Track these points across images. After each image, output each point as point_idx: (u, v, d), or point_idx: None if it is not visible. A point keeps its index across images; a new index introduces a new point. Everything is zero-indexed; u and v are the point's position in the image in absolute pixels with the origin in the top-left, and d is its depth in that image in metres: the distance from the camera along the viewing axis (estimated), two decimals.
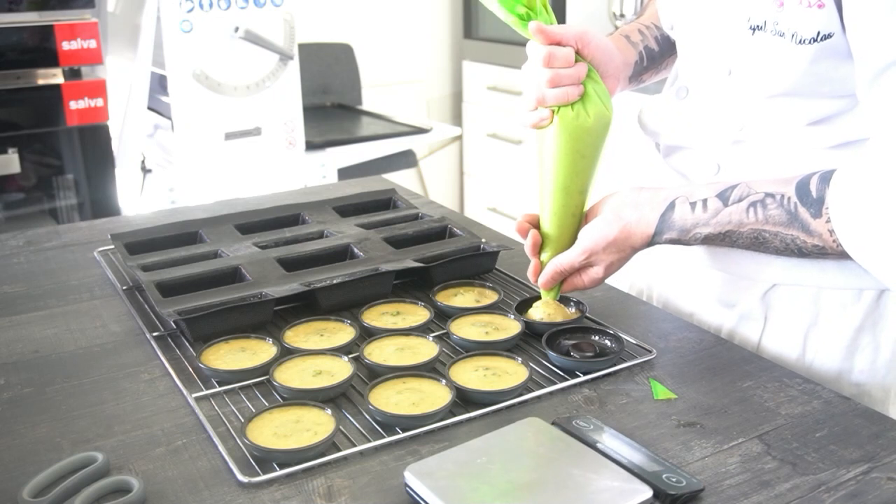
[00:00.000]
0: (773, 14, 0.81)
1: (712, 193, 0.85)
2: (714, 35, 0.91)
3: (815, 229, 0.79)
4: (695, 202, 0.85)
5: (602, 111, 0.87)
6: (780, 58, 0.83)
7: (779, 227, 0.81)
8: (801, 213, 0.80)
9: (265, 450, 0.72)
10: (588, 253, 0.89)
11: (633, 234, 0.87)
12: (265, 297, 0.97)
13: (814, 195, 0.79)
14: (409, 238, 1.17)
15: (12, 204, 2.60)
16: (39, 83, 2.47)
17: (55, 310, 1.04)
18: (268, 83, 2.73)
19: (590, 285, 0.92)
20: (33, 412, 0.81)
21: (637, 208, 0.88)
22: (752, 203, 0.82)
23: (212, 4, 2.56)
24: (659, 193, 0.88)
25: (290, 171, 2.84)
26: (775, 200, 0.81)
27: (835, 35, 0.79)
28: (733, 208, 0.83)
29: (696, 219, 0.85)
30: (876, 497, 0.67)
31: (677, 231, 0.86)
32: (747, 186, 0.84)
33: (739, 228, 0.83)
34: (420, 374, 0.83)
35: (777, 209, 0.81)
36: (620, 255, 0.89)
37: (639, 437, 0.75)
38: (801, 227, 0.80)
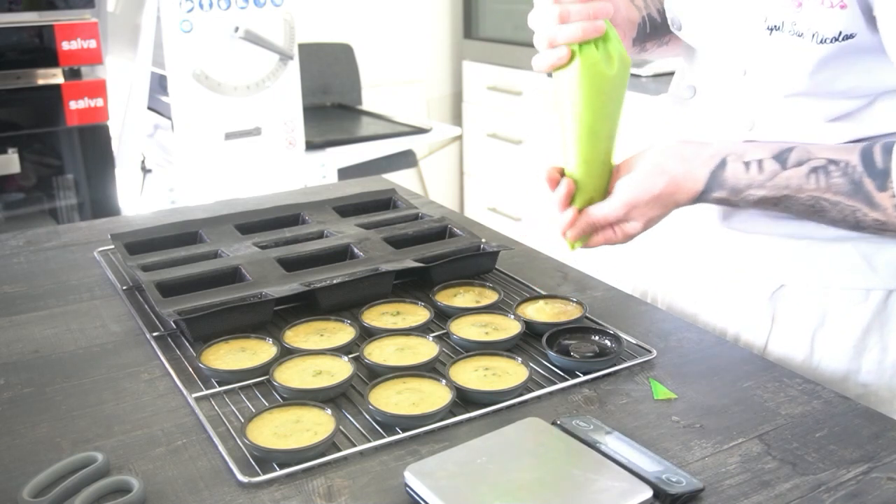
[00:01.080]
0: (792, 14, 0.80)
1: (768, 154, 0.82)
2: (729, 35, 0.89)
3: (880, 202, 0.77)
4: (749, 161, 0.82)
5: (624, 57, 0.83)
6: (799, 57, 0.82)
7: (840, 196, 0.79)
8: (866, 183, 0.77)
9: (265, 450, 0.72)
10: (629, 206, 0.84)
11: (681, 189, 0.83)
12: (265, 297, 0.97)
13: (880, 166, 0.77)
14: (409, 238, 1.17)
15: (12, 204, 2.60)
16: (39, 83, 2.47)
17: (55, 310, 1.04)
18: (268, 83, 2.73)
19: (623, 241, 0.87)
20: (33, 412, 0.81)
21: (684, 162, 0.83)
22: (814, 168, 0.79)
23: (212, 4, 2.56)
24: (707, 148, 0.84)
25: (290, 171, 2.84)
26: (839, 168, 0.78)
27: (857, 35, 0.78)
28: (792, 172, 0.80)
29: (751, 179, 0.81)
30: (876, 497, 0.67)
31: (728, 190, 0.83)
32: (806, 150, 0.81)
33: (797, 194, 0.80)
34: (420, 374, 0.83)
35: (841, 177, 0.78)
36: (662, 211, 0.85)
37: (639, 437, 0.75)
38: (864, 199, 0.78)
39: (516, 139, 3.37)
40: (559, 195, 0.86)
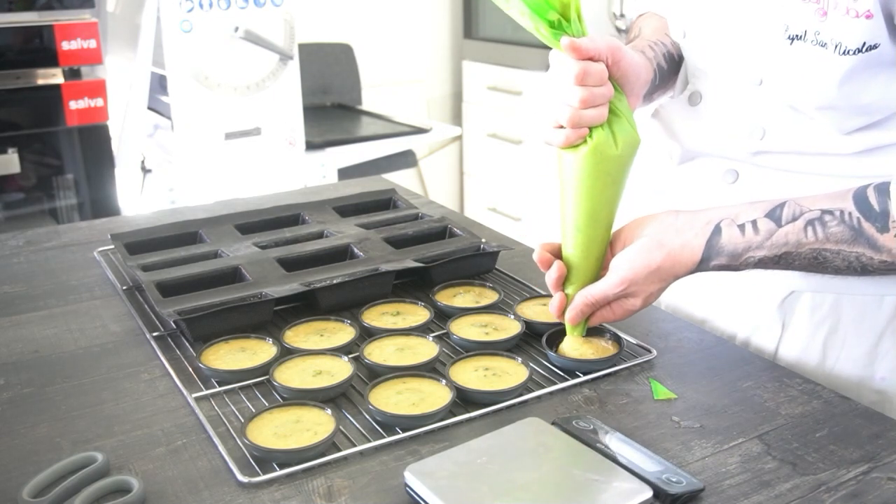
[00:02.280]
0: (815, 24, 0.78)
1: (761, 214, 0.80)
2: (745, 44, 0.87)
3: (884, 244, 0.76)
4: (743, 224, 0.80)
5: (632, 133, 0.81)
6: (820, 68, 0.80)
7: (842, 244, 0.77)
8: (865, 228, 0.76)
9: (265, 450, 0.72)
10: (627, 283, 0.82)
11: (678, 262, 0.81)
12: (265, 297, 0.97)
13: (877, 209, 0.76)
14: (409, 238, 1.17)
15: (12, 204, 2.60)
16: (39, 83, 2.46)
17: (55, 310, 1.04)
18: (268, 83, 2.73)
19: (622, 317, 0.86)
20: (33, 412, 0.81)
21: (679, 234, 0.81)
22: (810, 221, 0.78)
23: (212, 4, 2.56)
24: (699, 216, 0.83)
25: (290, 171, 2.83)
26: (835, 217, 0.77)
27: (880, 46, 0.77)
28: (789, 228, 0.79)
29: (748, 242, 0.80)
30: (876, 497, 0.67)
31: (727, 256, 0.81)
32: (797, 204, 0.79)
33: (798, 249, 0.79)
34: (420, 374, 0.83)
35: (838, 226, 0.77)
36: (661, 285, 0.83)
37: (639, 437, 0.75)
38: (866, 244, 0.76)
39: (516, 139, 3.37)
40: (551, 278, 0.86)
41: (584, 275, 0.85)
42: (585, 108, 0.78)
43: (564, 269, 0.85)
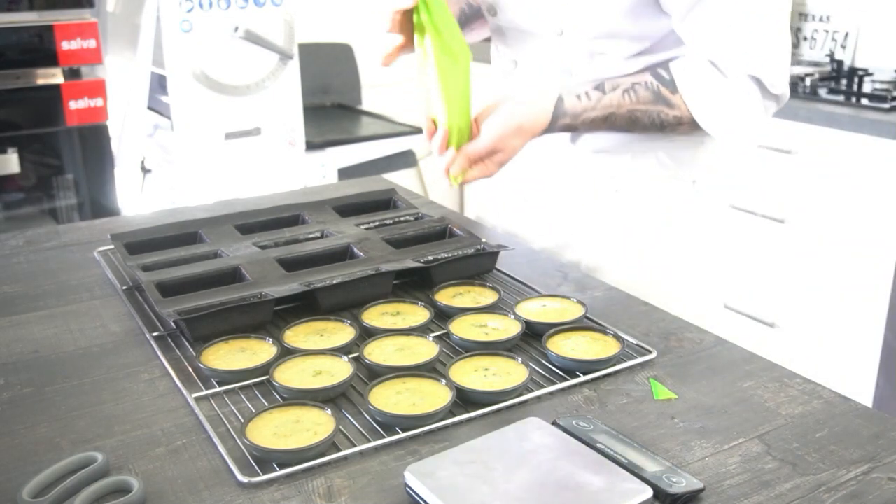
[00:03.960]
0: None
1: (590, 87, 1.08)
2: (546, 5, 1.11)
3: (675, 102, 1.06)
4: (579, 94, 1.07)
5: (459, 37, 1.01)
6: (607, 8, 1.05)
7: (648, 104, 1.07)
8: (662, 91, 1.07)
9: (265, 450, 0.72)
10: (498, 139, 1.03)
11: (536, 120, 1.05)
12: (265, 297, 0.97)
13: (667, 77, 1.07)
14: (409, 238, 1.17)
15: (12, 204, 2.60)
16: (39, 83, 2.46)
17: (55, 310, 1.04)
18: (268, 83, 2.73)
19: (494, 171, 1.06)
20: (33, 412, 0.81)
21: (533, 102, 1.05)
22: (625, 89, 1.07)
23: (212, 4, 2.56)
24: (543, 90, 1.07)
25: (290, 171, 2.83)
26: (641, 85, 1.07)
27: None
28: (611, 95, 1.07)
29: (584, 105, 1.07)
30: (876, 497, 0.67)
31: (570, 117, 1.06)
32: (612, 80, 1.08)
33: (618, 110, 1.07)
34: (420, 374, 0.83)
35: (645, 91, 1.07)
36: (523, 141, 1.05)
37: (639, 437, 0.75)
38: (664, 102, 1.06)
39: None
40: (438, 140, 1.03)
41: (458, 136, 1.04)
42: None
43: (448, 132, 1.03)
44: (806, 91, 2.43)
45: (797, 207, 2.32)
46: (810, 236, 2.30)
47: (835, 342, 2.28)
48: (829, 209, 2.24)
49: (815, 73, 2.53)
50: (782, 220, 2.35)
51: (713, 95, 1.06)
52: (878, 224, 2.13)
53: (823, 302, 2.30)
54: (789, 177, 2.32)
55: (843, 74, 2.57)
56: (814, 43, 2.83)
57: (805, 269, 2.33)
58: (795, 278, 2.36)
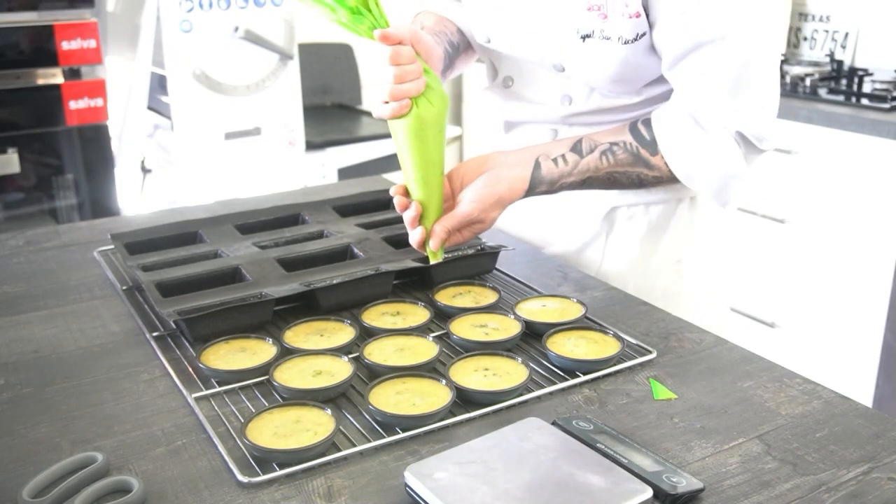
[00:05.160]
0: (599, 25, 1.01)
1: (566, 149, 1.04)
2: (545, 44, 1.08)
3: (655, 164, 1.03)
4: (556, 158, 1.03)
5: (442, 94, 0.98)
6: (607, 55, 1.03)
7: (627, 167, 1.04)
8: (642, 153, 1.03)
9: (265, 450, 0.72)
10: (478, 211, 1.00)
11: (514, 191, 1.02)
12: (265, 297, 0.97)
13: (647, 138, 1.03)
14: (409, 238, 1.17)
15: (12, 204, 2.60)
16: (39, 83, 2.47)
17: (55, 310, 1.04)
18: (268, 83, 2.73)
19: (469, 239, 1.03)
20: (33, 412, 0.81)
21: (511, 168, 1.02)
22: (603, 151, 1.03)
23: (212, 4, 2.56)
24: (521, 154, 1.04)
25: (290, 171, 2.83)
26: (620, 147, 1.03)
27: (647, 34, 1.00)
28: (588, 158, 1.03)
29: (561, 171, 1.03)
30: (876, 497, 0.67)
31: (547, 184, 1.04)
32: (591, 139, 1.04)
33: (596, 173, 1.04)
34: (420, 374, 0.83)
35: (623, 153, 1.03)
36: (501, 210, 1.02)
37: (639, 437, 0.75)
38: (643, 164, 1.03)
39: None
40: (410, 216, 0.99)
41: (433, 210, 1.00)
42: (401, 84, 0.93)
43: (420, 207, 0.99)
44: (806, 91, 2.43)
45: (797, 207, 2.32)
46: (811, 236, 2.30)
47: (835, 342, 2.28)
48: (829, 209, 2.25)
49: (815, 73, 2.53)
50: (782, 220, 2.35)
51: (696, 156, 1.01)
52: (878, 224, 2.13)
53: (823, 302, 2.30)
54: (789, 177, 2.32)
55: (843, 74, 2.57)
56: (814, 43, 2.83)
57: (805, 269, 2.33)
58: (796, 278, 2.36)
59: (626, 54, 1.01)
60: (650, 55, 1.03)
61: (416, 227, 0.99)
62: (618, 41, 1.01)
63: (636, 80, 1.07)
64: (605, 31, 1.01)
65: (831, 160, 2.22)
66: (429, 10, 1.25)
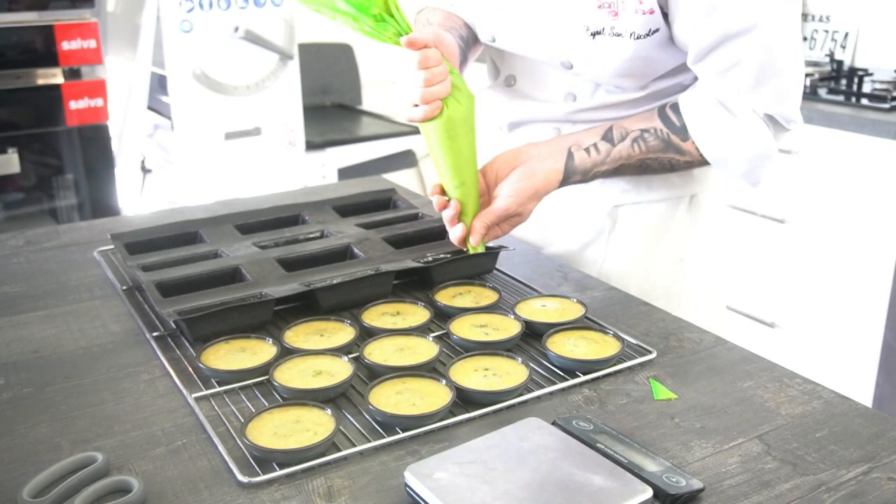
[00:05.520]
0: (610, 22, 1.01)
1: (598, 137, 1.05)
2: (554, 42, 1.07)
3: (687, 149, 1.05)
4: (588, 147, 1.05)
5: (468, 92, 0.98)
6: (618, 51, 1.02)
7: (658, 153, 1.05)
8: (673, 139, 1.04)
9: (265, 450, 0.72)
10: (516, 205, 1.01)
11: (549, 182, 1.03)
12: (265, 297, 0.97)
13: (677, 124, 1.04)
14: (409, 238, 1.17)
15: (12, 204, 2.60)
16: (39, 83, 2.47)
17: (55, 310, 1.04)
18: (268, 83, 2.73)
19: (508, 231, 1.05)
20: (33, 412, 0.81)
21: (545, 160, 1.03)
22: (634, 139, 1.05)
23: (212, 4, 2.56)
24: (553, 145, 1.05)
25: (290, 171, 2.84)
26: (651, 133, 1.04)
27: (661, 29, 1.00)
28: (620, 146, 1.05)
29: (594, 161, 1.05)
30: (876, 497, 0.67)
31: (580, 173, 1.05)
32: (621, 126, 1.05)
33: (628, 161, 1.05)
34: (420, 374, 0.83)
35: (655, 140, 1.04)
36: (538, 202, 1.04)
37: (639, 437, 0.75)
38: (675, 150, 1.05)
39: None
40: (449, 215, 1.01)
41: (470, 206, 1.02)
42: (431, 86, 0.94)
43: (459, 205, 1.01)
44: (806, 91, 2.43)
45: (797, 207, 2.32)
46: (810, 236, 2.30)
47: (835, 342, 2.28)
48: (829, 209, 2.25)
49: (815, 73, 2.53)
50: (782, 220, 2.35)
51: (726, 139, 1.02)
52: (878, 224, 2.13)
53: (823, 302, 2.30)
54: (789, 177, 2.32)
55: (843, 74, 2.57)
56: (814, 43, 2.83)
57: (805, 269, 2.33)
58: (795, 278, 2.36)
59: (637, 49, 1.01)
60: (661, 49, 1.03)
61: (456, 224, 1.01)
62: (629, 37, 1.01)
63: (645, 75, 1.08)
64: (616, 28, 1.01)
65: (831, 160, 2.22)
66: (433, 7, 1.25)
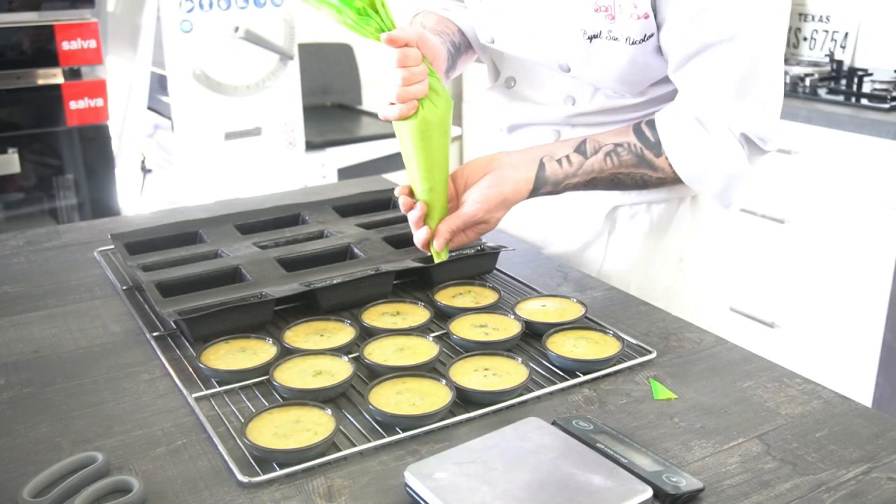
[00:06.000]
0: (607, 25, 1.01)
1: (570, 149, 1.04)
2: (551, 45, 1.07)
3: (659, 165, 1.03)
4: (560, 158, 1.03)
5: (446, 97, 0.97)
6: (614, 55, 1.02)
7: (631, 168, 1.04)
8: (646, 154, 1.03)
9: (265, 450, 0.72)
10: (483, 212, 1.00)
11: (518, 191, 1.02)
12: (265, 297, 0.97)
13: (652, 139, 1.03)
14: (409, 238, 1.16)
15: (12, 204, 2.60)
16: (39, 83, 2.46)
17: (55, 310, 1.04)
18: (268, 83, 2.73)
19: (474, 239, 1.04)
20: (33, 412, 0.81)
21: (516, 169, 1.02)
22: (607, 153, 1.03)
23: (212, 4, 2.56)
24: (526, 154, 1.04)
25: (290, 171, 2.83)
26: (624, 148, 1.03)
27: (655, 35, 1.00)
28: (593, 159, 1.03)
29: (565, 172, 1.03)
30: (876, 497, 0.67)
31: (551, 185, 1.04)
32: (595, 140, 1.04)
33: (600, 174, 1.04)
34: (420, 374, 0.83)
35: (628, 154, 1.03)
36: (506, 211, 1.03)
37: (639, 437, 0.75)
38: (648, 166, 1.03)
39: None
40: (415, 217, 0.99)
41: (437, 210, 1.00)
42: (409, 86, 0.93)
43: (426, 207, 0.99)
44: (806, 91, 2.43)
45: (797, 207, 2.32)
46: (810, 236, 2.30)
47: (835, 342, 2.28)
48: (829, 209, 2.25)
49: (815, 73, 2.53)
50: (782, 220, 2.35)
51: (700, 158, 1.01)
52: (878, 224, 2.13)
53: (823, 302, 2.30)
54: (789, 177, 2.32)
55: (843, 74, 2.57)
56: (814, 43, 2.83)
57: (805, 269, 2.33)
58: (795, 278, 2.36)
59: (634, 54, 1.01)
60: (657, 55, 1.02)
61: (421, 227, 1.00)
62: (625, 42, 1.00)
63: (642, 81, 1.07)
64: (613, 32, 1.00)
65: (831, 160, 2.22)
66: (429, 10, 1.25)
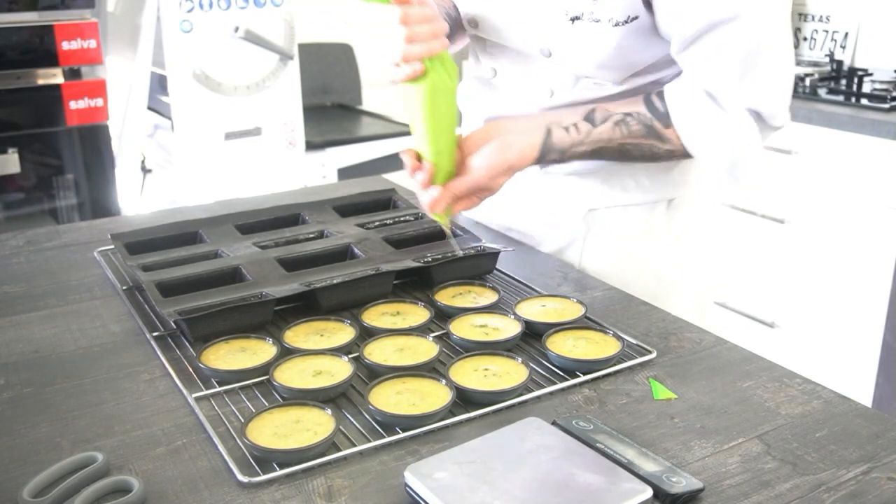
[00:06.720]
0: (589, 6, 0.99)
1: (579, 118, 1.03)
2: (533, 27, 1.06)
3: (668, 136, 1.02)
4: (567, 126, 1.02)
5: (453, 65, 0.97)
6: (598, 38, 1.01)
7: (639, 138, 1.02)
8: (655, 125, 1.02)
9: (265, 450, 0.72)
10: (489, 176, 0.99)
11: (524, 157, 1.01)
12: (265, 297, 0.97)
13: (661, 110, 1.02)
14: (409, 238, 1.17)
15: (12, 204, 2.60)
16: (39, 83, 2.47)
17: (55, 310, 1.04)
18: (268, 83, 2.73)
19: (478, 204, 1.03)
20: (33, 412, 0.81)
21: (522, 135, 1.01)
22: (616, 122, 1.02)
23: (212, 4, 2.56)
24: (532, 121, 1.03)
25: (290, 171, 2.84)
26: (633, 118, 1.02)
27: (640, 16, 0.99)
28: (602, 128, 1.02)
29: (573, 140, 1.02)
30: (876, 497, 0.67)
31: (558, 152, 1.03)
32: (604, 108, 1.03)
33: (608, 144, 1.03)
34: (420, 374, 0.83)
35: (637, 125, 1.02)
36: (510, 176, 1.02)
37: (639, 437, 0.75)
38: (656, 137, 1.02)
39: None
40: (423, 178, 0.99)
41: (443, 174, 1.00)
42: (412, 45, 0.92)
43: (434, 168, 0.99)
44: (806, 91, 2.43)
45: (797, 207, 2.32)
46: (810, 236, 2.30)
47: (835, 342, 2.28)
48: (829, 209, 2.25)
49: (815, 73, 2.53)
50: (782, 220, 2.35)
51: (709, 130, 1.01)
52: (878, 224, 2.13)
53: (823, 302, 2.30)
54: (789, 177, 2.32)
55: (843, 74, 2.57)
56: (814, 43, 2.84)
57: (805, 269, 2.33)
58: (795, 278, 2.36)
59: (617, 38, 1.00)
60: (640, 40, 1.01)
61: (429, 188, 0.99)
62: (608, 23, 0.99)
63: (624, 67, 1.05)
64: (595, 13, 0.99)
65: (831, 160, 2.22)
66: None
